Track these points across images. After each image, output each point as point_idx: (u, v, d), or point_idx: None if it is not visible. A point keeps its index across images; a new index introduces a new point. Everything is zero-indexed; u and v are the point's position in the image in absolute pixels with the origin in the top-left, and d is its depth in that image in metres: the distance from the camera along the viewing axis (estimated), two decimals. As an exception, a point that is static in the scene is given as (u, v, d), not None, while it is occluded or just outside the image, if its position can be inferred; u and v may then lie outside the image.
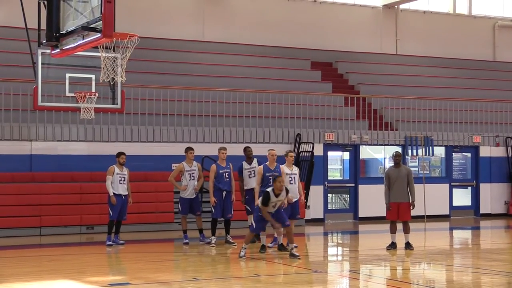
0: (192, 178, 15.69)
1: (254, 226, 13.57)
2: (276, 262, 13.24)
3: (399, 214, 14.83)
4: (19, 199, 17.10)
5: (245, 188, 15.32)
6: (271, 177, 14.17)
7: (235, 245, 15.31)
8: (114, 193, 15.32)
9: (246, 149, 15.79)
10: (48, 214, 17.25)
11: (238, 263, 13.59)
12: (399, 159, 15.14)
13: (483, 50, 29.74)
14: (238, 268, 13.18)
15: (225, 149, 15.63)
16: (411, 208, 14.88)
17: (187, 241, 15.60)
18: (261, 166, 14.39)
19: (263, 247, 14.19)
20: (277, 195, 13.12)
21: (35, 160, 18.04)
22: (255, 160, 15.54)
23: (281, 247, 14.21)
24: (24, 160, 18.00)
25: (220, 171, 15.34)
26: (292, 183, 14.59)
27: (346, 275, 12.64)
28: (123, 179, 15.48)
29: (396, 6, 28.29)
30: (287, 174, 14.56)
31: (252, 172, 15.29)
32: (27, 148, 18.03)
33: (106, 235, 15.45)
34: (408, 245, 14.80)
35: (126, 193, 15.56)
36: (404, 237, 14.85)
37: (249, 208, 15.12)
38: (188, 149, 15.90)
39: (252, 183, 15.06)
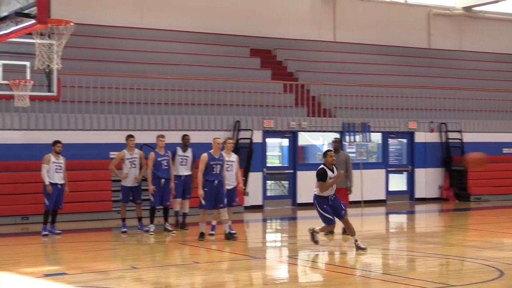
0: (133, 166, 15.60)
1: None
2: (215, 249, 13.29)
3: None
4: (-48, 189, 16.73)
5: (174, 173, 15.57)
6: (215, 165, 14.16)
7: (174, 233, 15.30)
8: (50, 182, 15.12)
9: (184, 137, 16.02)
10: (-17, 204, 16.92)
11: (177, 251, 13.61)
12: (337, 145, 15.34)
13: (419, 37, 30.22)
14: (176, 256, 13.19)
15: (163, 136, 15.59)
16: (349, 193, 15.08)
17: (125, 229, 15.52)
18: (205, 154, 14.31)
19: (202, 235, 14.21)
20: (332, 170, 13.04)
21: (-31, 149, 17.66)
22: (190, 149, 15.72)
23: (229, 236, 14.21)
24: (-43, 149, 17.60)
25: (159, 159, 15.30)
26: (229, 171, 14.65)
27: (285, 260, 12.77)
28: (59, 167, 15.28)
29: (334, -6, 28.52)
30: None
31: (185, 160, 15.75)
32: (-40, 137, 17.64)
33: (42, 225, 15.25)
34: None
35: (63, 182, 15.37)
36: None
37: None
38: (129, 137, 15.82)
39: (183, 170, 15.68)
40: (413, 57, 28.75)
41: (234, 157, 14.97)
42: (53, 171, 15.20)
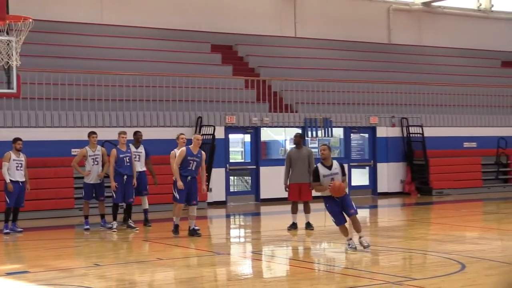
0: (96, 163, 15.53)
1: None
2: (178, 246, 13.25)
3: (300, 194, 15.09)
4: None
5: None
6: (192, 161, 14.08)
7: (137, 230, 15.24)
8: (10, 180, 14.94)
9: (136, 133, 16.27)
10: None
11: (140, 247, 13.54)
12: (299, 140, 15.41)
13: (379, 33, 30.45)
14: (139, 253, 13.13)
15: (125, 133, 15.54)
16: (311, 189, 15.15)
17: (88, 226, 15.42)
18: (184, 148, 14.18)
19: (177, 228, 14.24)
20: (329, 167, 12.21)
21: None
22: (142, 145, 16.00)
23: (193, 232, 14.18)
24: None
25: (121, 156, 15.23)
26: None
27: (249, 256, 12.79)
28: (20, 165, 15.11)
29: (294, -11, 28.58)
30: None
31: (137, 156, 15.86)
32: None
33: (3, 223, 15.06)
34: (308, 225, 15.08)
35: (24, 179, 15.21)
36: (305, 217, 15.12)
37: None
38: (91, 134, 15.78)
39: (137, 167, 15.76)
40: (373, 52, 28.96)
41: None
42: (13, 169, 15.04)
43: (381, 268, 10.87)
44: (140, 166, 15.93)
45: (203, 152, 14.55)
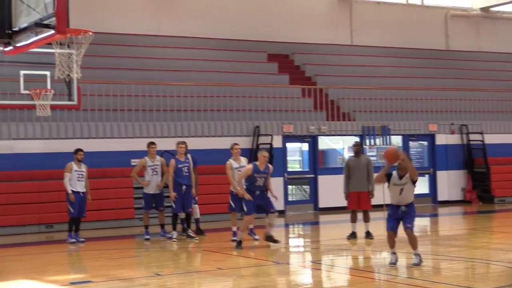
0: (155, 173, 15.63)
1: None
2: (237, 255, 13.27)
3: (359, 203, 14.99)
4: (-25, 199, 16.84)
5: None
6: (259, 177, 13.85)
7: (196, 239, 15.31)
8: (72, 191, 15.19)
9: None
10: (6, 213, 17.02)
11: (199, 257, 13.60)
12: (358, 149, 15.34)
13: (436, 39, 30.09)
14: (200, 262, 13.19)
15: (183, 143, 15.61)
16: (371, 197, 15.03)
17: (148, 236, 15.55)
18: (251, 166, 14.09)
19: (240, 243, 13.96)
20: (400, 177, 11.45)
21: (-9, 159, 17.77)
22: (188, 155, 15.64)
23: (269, 238, 14.25)
24: (-20, 160, 17.72)
25: (179, 166, 15.30)
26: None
27: (308, 265, 12.73)
28: (81, 176, 15.35)
29: (350, -3, 28.50)
30: (234, 168, 14.77)
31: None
32: (-18, 147, 17.75)
33: (67, 233, 15.33)
34: (368, 234, 14.95)
35: (85, 190, 15.44)
36: (364, 226, 14.99)
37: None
38: (150, 144, 15.87)
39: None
40: (431, 59, 28.64)
41: (244, 161, 15.08)
42: (75, 179, 15.29)
43: (443, 277, 10.70)
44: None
45: (270, 166, 14.28)
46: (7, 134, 18.00)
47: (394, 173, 11.56)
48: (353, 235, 14.97)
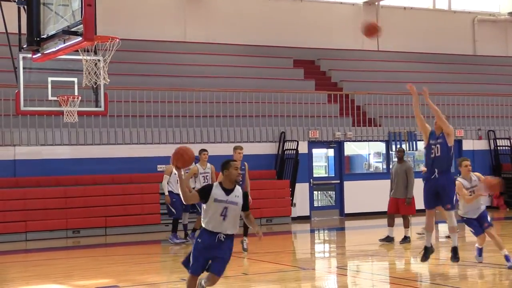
0: (206, 181, 15.11)
1: None
2: (263, 261, 13.27)
3: (398, 208, 15.13)
4: (3, 204, 16.98)
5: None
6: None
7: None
8: (171, 192, 15.39)
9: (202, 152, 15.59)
10: (33, 219, 17.15)
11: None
12: (401, 155, 15.59)
13: (464, 44, 29.93)
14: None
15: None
16: (406, 204, 15.13)
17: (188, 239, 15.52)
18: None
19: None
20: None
21: (19, 165, 17.97)
22: (208, 165, 15.44)
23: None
24: (8, 165, 17.91)
25: (200, 174, 15.16)
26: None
27: (334, 271, 12.71)
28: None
29: (376, 3, 28.41)
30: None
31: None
32: (10, 153, 17.95)
33: (171, 233, 15.70)
34: (405, 239, 15.02)
35: None
36: (404, 231, 15.08)
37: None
38: (202, 151, 15.40)
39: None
40: (458, 64, 28.46)
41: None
42: (174, 182, 15.42)
43: (470, 284, 10.63)
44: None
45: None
46: (35, 140, 18.19)
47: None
48: (387, 239, 15.05)
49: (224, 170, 8.47)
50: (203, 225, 8.45)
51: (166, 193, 15.51)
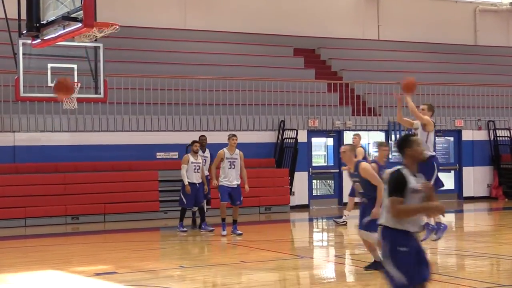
0: (233, 166, 14.88)
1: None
2: (261, 249, 13.30)
3: None
4: (3, 190, 16.99)
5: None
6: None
7: (241, 234, 15.05)
8: (188, 182, 15.26)
9: (200, 137, 16.02)
10: (33, 205, 17.17)
11: (224, 250, 13.63)
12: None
13: (465, 34, 29.86)
14: (223, 255, 13.23)
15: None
16: None
17: (225, 232, 14.82)
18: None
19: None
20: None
21: (19, 151, 17.98)
22: (207, 150, 15.77)
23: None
24: (8, 151, 17.91)
25: (227, 158, 14.84)
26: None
27: (332, 260, 12.73)
28: (197, 168, 15.35)
29: (377, -8, 28.36)
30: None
31: (204, 160, 15.69)
32: (10, 139, 17.94)
33: (179, 222, 15.60)
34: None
35: (200, 181, 15.43)
36: None
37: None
38: (232, 136, 15.05)
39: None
40: (459, 54, 28.41)
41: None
42: (191, 171, 15.34)
43: (468, 273, 10.66)
44: (206, 171, 15.79)
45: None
46: (34, 126, 18.18)
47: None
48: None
49: (405, 149, 6.54)
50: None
51: (186, 183, 15.18)
